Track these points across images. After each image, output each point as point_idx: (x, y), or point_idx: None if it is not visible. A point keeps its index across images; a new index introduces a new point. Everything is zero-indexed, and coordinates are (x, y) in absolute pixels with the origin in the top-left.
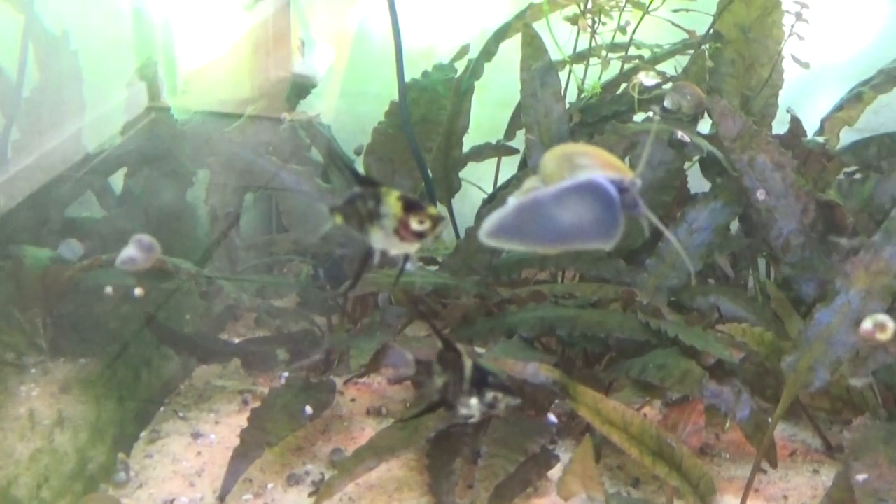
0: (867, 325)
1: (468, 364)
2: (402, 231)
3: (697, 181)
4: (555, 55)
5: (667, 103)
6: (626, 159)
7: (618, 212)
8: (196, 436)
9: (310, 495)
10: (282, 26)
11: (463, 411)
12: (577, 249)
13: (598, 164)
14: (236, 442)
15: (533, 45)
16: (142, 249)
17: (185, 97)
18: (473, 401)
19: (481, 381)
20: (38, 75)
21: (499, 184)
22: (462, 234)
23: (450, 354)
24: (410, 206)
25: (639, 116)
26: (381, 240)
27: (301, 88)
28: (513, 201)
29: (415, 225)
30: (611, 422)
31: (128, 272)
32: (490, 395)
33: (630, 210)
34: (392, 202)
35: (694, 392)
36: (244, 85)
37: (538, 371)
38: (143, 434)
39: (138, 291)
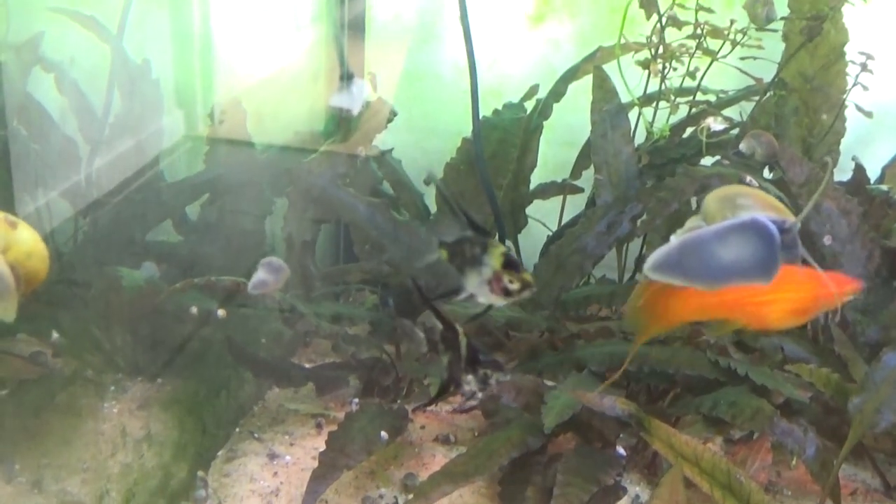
0: None
1: (464, 343)
2: (494, 284)
3: None
4: (624, 97)
5: (742, 147)
6: (694, 200)
7: (777, 251)
8: (272, 456)
9: None
10: (325, 58)
11: (466, 388)
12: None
13: (759, 205)
14: (311, 463)
15: (604, 88)
16: (272, 272)
17: (222, 127)
18: (470, 377)
19: (475, 358)
20: (120, 103)
21: (563, 221)
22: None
23: (449, 334)
24: (508, 265)
25: (706, 160)
26: (474, 284)
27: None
28: (676, 239)
29: (505, 282)
30: (683, 455)
31: (215, 295)
32: (481, 371)
33: (789, 250)
34: (495, 255)
35: (765, 429)
36: (284, 116)
37: (615, 404)
38: (220, 453)
39: (221, 313)
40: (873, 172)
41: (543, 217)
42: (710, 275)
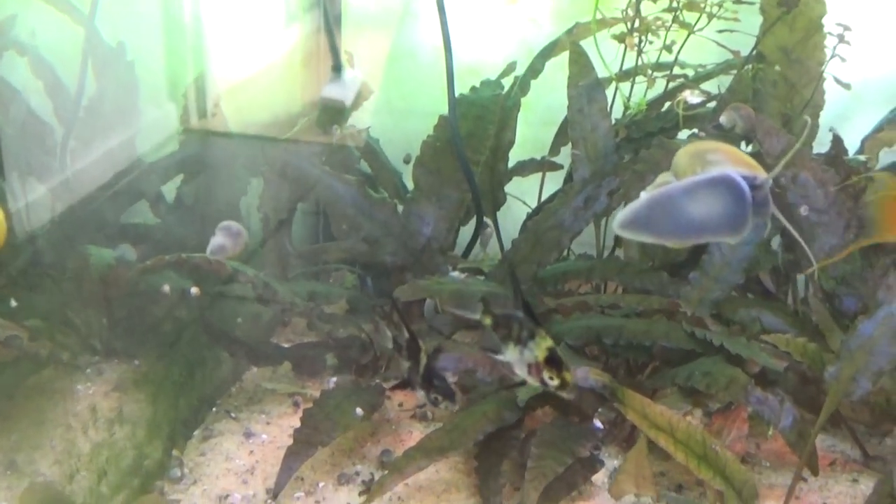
0: None
1: (423, 361)
2: (534, 371)
3: None
4: (601, 72)
5: (722, 120)
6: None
7: (748, 207)
8: (248, 435)
9: (360, 493)
10: (315, 50)
11: (419, 395)
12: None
13: (730, 161)
14: (288, 442)
15: (580, 63)
16: (230, 236)
17: (214, 120)
18: (422, 393)
19: (429, 379)
20: (94, 85)
21: (543, 198)
22: (508, 247)
23: (414, 346)
24: (551, 361)
25: (683, 133)
26: (512, 358)
27: (330, 112)
28: (645, 195)
29: (545, 377)
30: (657, 426)
31: (187, 274)
32: (433, 395)
33: (760, 207)
34: (541, 347)
35: (739, 398)
36: (275, 109)
37: (588, 375)
38: (196, 433)
39: (194, 290)
40: (854, 147)
41: (523, 195)
42: (679, 231)
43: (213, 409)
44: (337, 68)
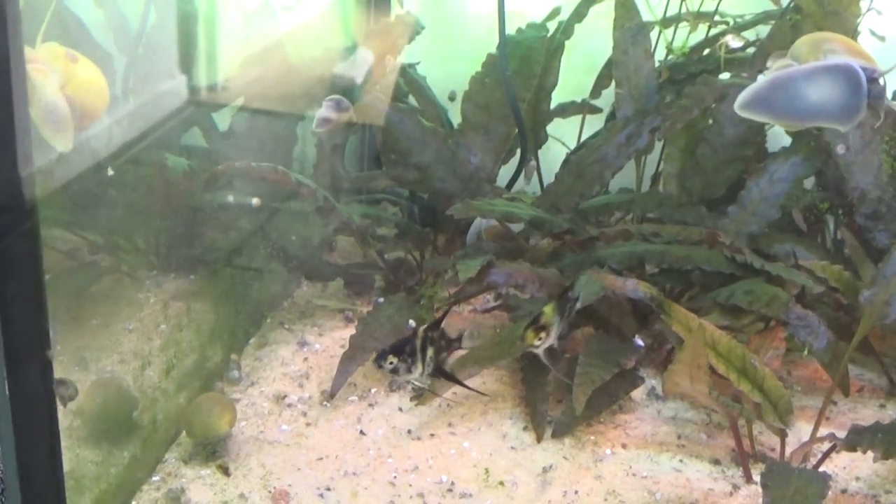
0: None
1: (429, 350)
2: None
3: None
4: (646, 16)
5: (769, 63)
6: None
7: (863, 97)
8: (302, 344)
9: (412, 399)
10: (326, 26)
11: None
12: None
13: (848, 52)
14: (340, 352)
15: (626, 6)
16: (337, 109)
17: (225, 93)
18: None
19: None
20: (155, 16)
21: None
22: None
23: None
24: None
25: (724, 76)
26: None
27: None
28: (764, 77)
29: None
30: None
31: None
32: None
33: (875, 99)
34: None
35: (780, 314)
36: (285, 83)
37: (637, 287)
38: (251, 341)
39: (255, 201)
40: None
41: (562, 138)
42: (796, 113)
43: (268, 320)
44: (349, 47)
